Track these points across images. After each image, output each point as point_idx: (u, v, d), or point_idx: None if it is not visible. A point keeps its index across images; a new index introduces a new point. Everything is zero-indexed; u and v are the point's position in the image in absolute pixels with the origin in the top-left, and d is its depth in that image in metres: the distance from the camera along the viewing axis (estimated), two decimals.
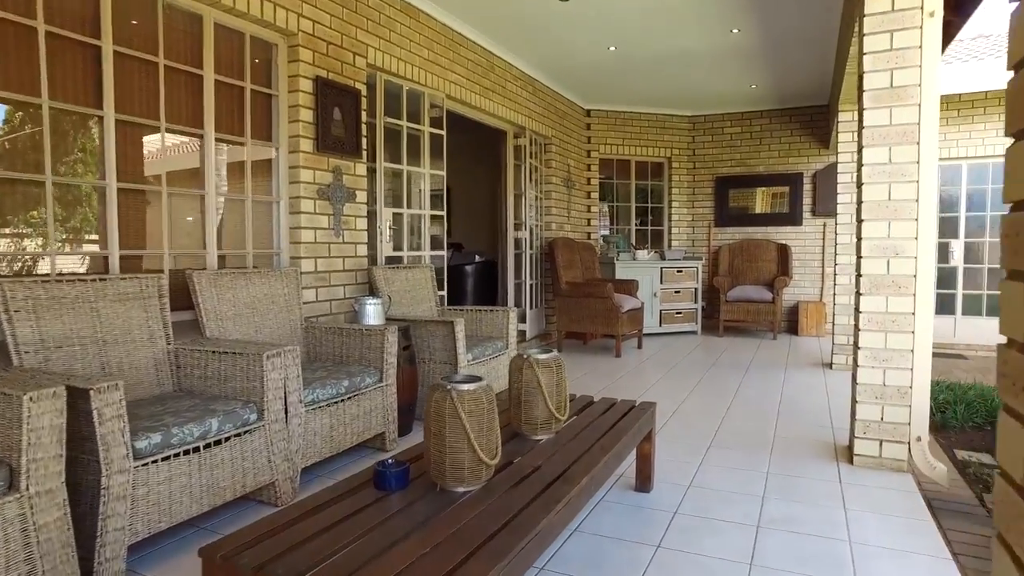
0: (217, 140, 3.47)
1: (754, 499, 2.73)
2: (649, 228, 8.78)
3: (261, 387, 2.59)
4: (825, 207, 7.93)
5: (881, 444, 3.05)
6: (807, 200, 8.09)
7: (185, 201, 3.38)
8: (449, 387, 1.77)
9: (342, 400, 3.08)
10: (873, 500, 2.72)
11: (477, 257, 7.29)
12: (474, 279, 7.13)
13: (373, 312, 3.76)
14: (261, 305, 3.40)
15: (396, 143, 4.70)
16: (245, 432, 2.52)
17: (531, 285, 6.86)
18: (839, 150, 5.48)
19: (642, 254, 7.88)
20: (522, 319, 6.73)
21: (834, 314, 5.55)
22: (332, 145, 4.01)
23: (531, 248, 6.89)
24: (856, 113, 5.18)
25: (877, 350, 3.03)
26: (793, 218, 8.16)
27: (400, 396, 3.62)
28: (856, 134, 4.89)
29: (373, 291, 4.19)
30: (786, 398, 4.57)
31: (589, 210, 8.31)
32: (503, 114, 6.12)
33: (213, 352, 2.72)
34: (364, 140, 4.29)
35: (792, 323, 8.10)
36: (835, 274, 5.56)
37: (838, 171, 5.50)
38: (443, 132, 5.13)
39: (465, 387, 1.78)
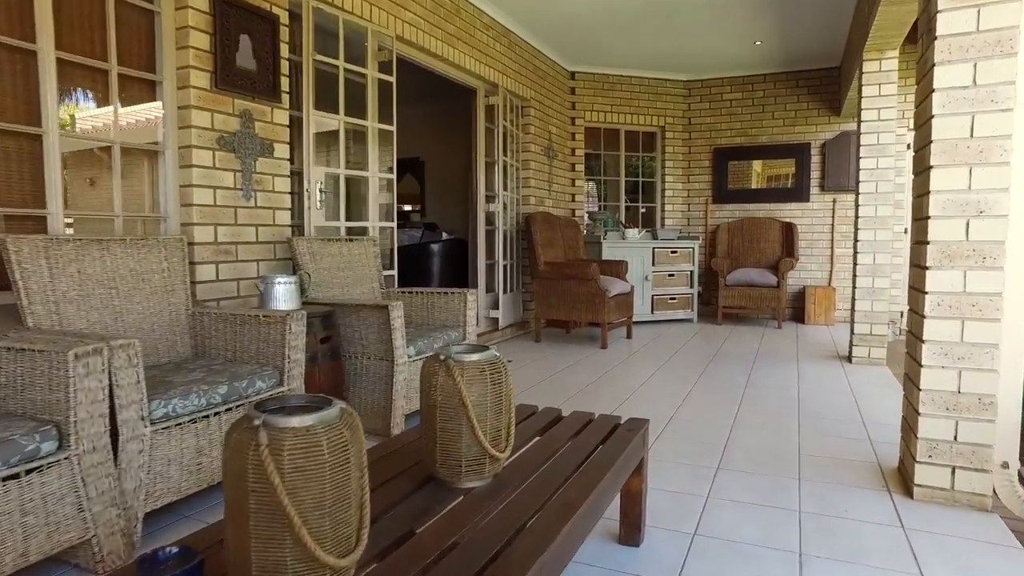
0: (64, 62, 2.59)
1: (787, 556, 1.93)
2: (640, 205, 7.96)
3: (66, 400, 1.75)
4: (835, 181, 7.13)
5: (954, 472, 2.25)
6: (815, 174, 7.29)
7: (11, 141, 2.50)
8: (258, 423, 0.93)
9: (216, 413, 2.24)
10: (956, 556, 1.92)
11: (445, 235, 6.44)
12: (442, 260, 6.28)
13: (283, 294, 2.91)
14: (125, 284, 2.54)
15: (331, 89, 3.83)
16: (35, 469, 1.68)
17: (505, 266, 6.02)
18: (863, 107, 4.66)
19: (632, 233, 7.06)
20: (495, 305, 5.89)
21: (853, 299, 4.76)
22: (238, 82, 3.14)
23: (506, 224, 6.05)
24: (891, 57, 4.39)
25: (950, 344, 2.22)
26: (799, 194, 7.35)
27: None
28: (875, 93, 4.10)
29: (297, 269, 3.35)
30: (805, 400, 3.77)
31: (573, 184, 7.47)
32: (472, 67, 5.26)
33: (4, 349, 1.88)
34: (286, 81, 3.43)
35: (798, 310, 7.31)
36: (856, 252, 4.76)
37: (861, 133, 4.68)
38: (392, 79, 4.26)
39: (291, 422, 0.94)
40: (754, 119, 7.49)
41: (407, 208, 10.30)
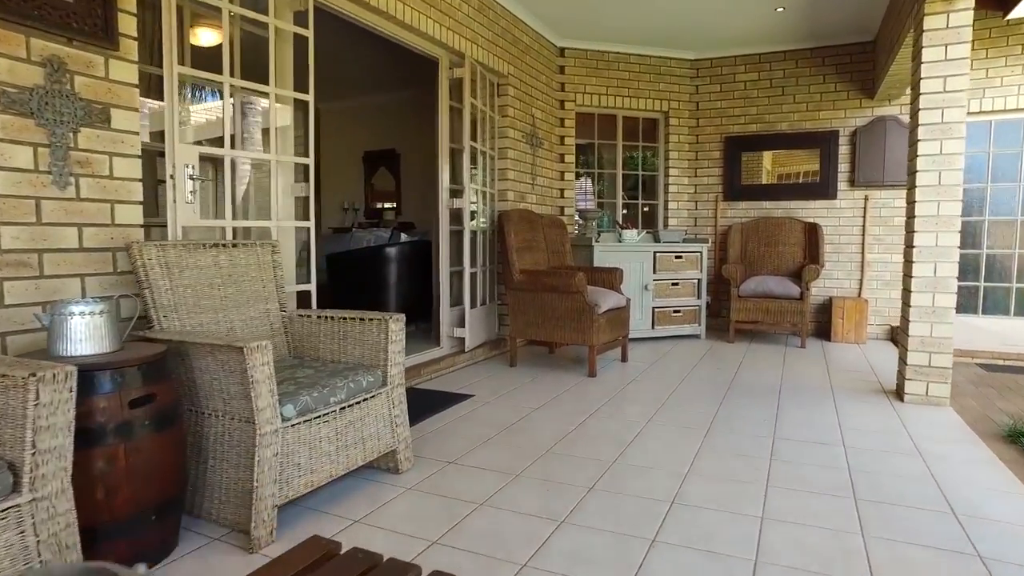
0: None
1: None
2: (640, 202, 6.93)
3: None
4: (868, 175, 6.09)
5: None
6: (843, 166, 6.25)
7: None
8: None
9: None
10: None
11: (404, 236, 5.43)
12: (401, 267, 5.27)
13: (84, 331, 1.91)
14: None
15: (211, 39, 2.83)
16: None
17: (474, 274, 5.00)
18: (922, 75, 3.63)
19: (630, 235, 6.05)
20: (460, 322, 4.88)
21: (907, 321, 3.74)
22: (36, 11, 2.14)
23: (476, 223, 5.05)
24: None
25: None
26: (824, 190, 6.32)
27: (118, 497, 1.79)
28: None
29: (142, 287, 2.34)
30: (860, 468, 2.75)
31: (563, 177, 6.45)
32: (431, 30, 4.25)
33: None
34: (130, 21, 2.43)
35: (822, 325, 6.28)
36: (910, 261, 3.74)
37: (920, 109, 3.65)
38: (310, 34, 3.25)
39: None
40: (772, 103, 6.45)
41: (382, 206, 9.32)
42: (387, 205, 9.32)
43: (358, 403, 2.46)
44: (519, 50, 5.56)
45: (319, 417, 2.26)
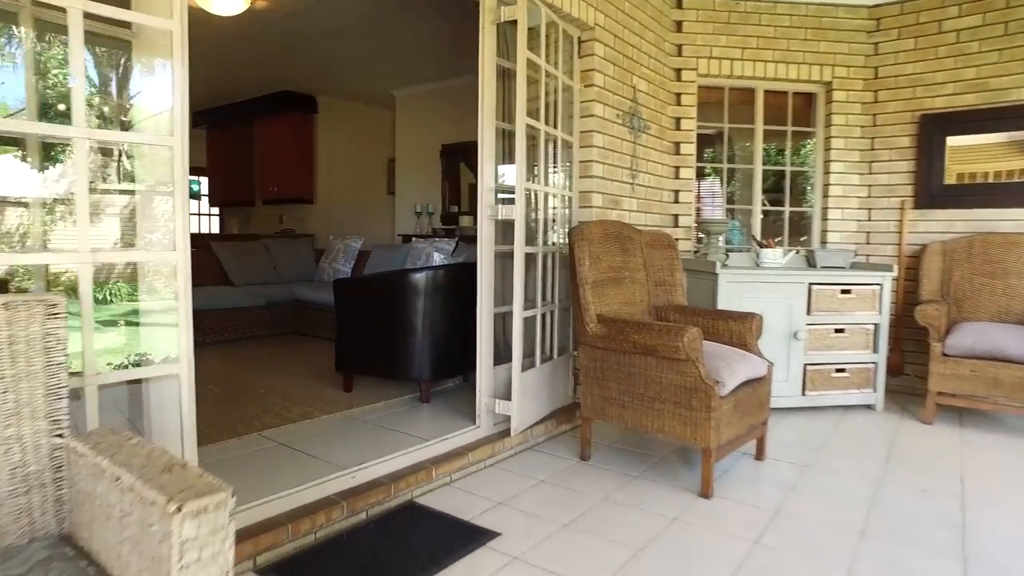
0: None
1: None
2: (787, 210, 4.99)
3: None
4: None
5: None
6: None
7: None
8: None
9: None
10: None
11: (438, 257, 3.89)
12: (434, 302, 3.72)
13: None
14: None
15: None
16: None
17: (533, 317, 3.39)
18: None
19: (772, 256, 4.20)
20: (507, 390, 3.27)
21: None
22: None
23: (543, 240, 3.44)
24: None
25: None
26: None
27: None
28: None
29: None
30: None
31: (677, 175, 4.69)
32: None
33: None
34: None
35: None
36: None
37: None
38: None
39: None
40: (1003, 61, 4.31)
41: (458, 210, 7.91)
42: (462, 209, 7.91)
43: None
44: None
45: None
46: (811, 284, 4.02)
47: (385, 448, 2.95)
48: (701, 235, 4.70)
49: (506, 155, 3.52)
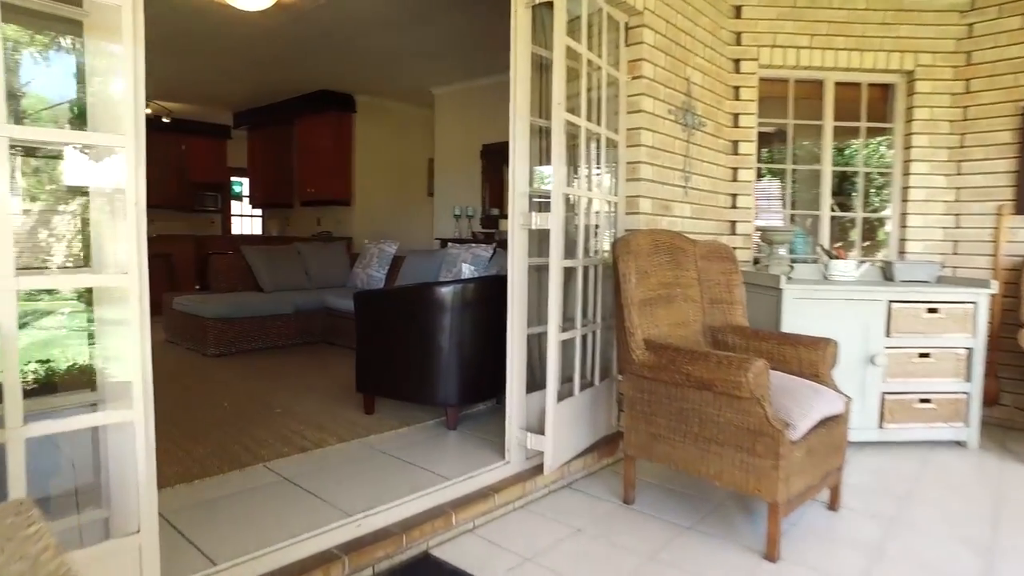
0: None
1: None
2: (859, 215, 4.46)
3: None
4: None
5: None
6: None
7: None
8: None
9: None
10: None
11: (467, 268, 3.52)
12: (463, 318, 3.35)
13: None
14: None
15: None
16: None
17: (572, 340, 3.00)
18: None
19: (843, 268, 3.71)
20: (539, 423, 2.89)
21: None
22: None
23: (582, 250, 3.05)
24: None
25: None
26: None
27: None
28: None
29: None
30: None
31: (735, 177, 4.23)
32: None
33: None
34: None
35: None
36: None
37: None
38: None
39: None
40: None
41: (498, 213, 7.57)
42: (507, 212, 7.54)
43: None
44: None
45: None
46: (891, 302, 3.51)
47: (400, 488, 2.61)
48: (761, 245, 4.22)
49: (543, 156, 3.16)
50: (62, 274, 1.54)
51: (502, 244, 5.73)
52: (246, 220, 12.26)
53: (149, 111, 9.14)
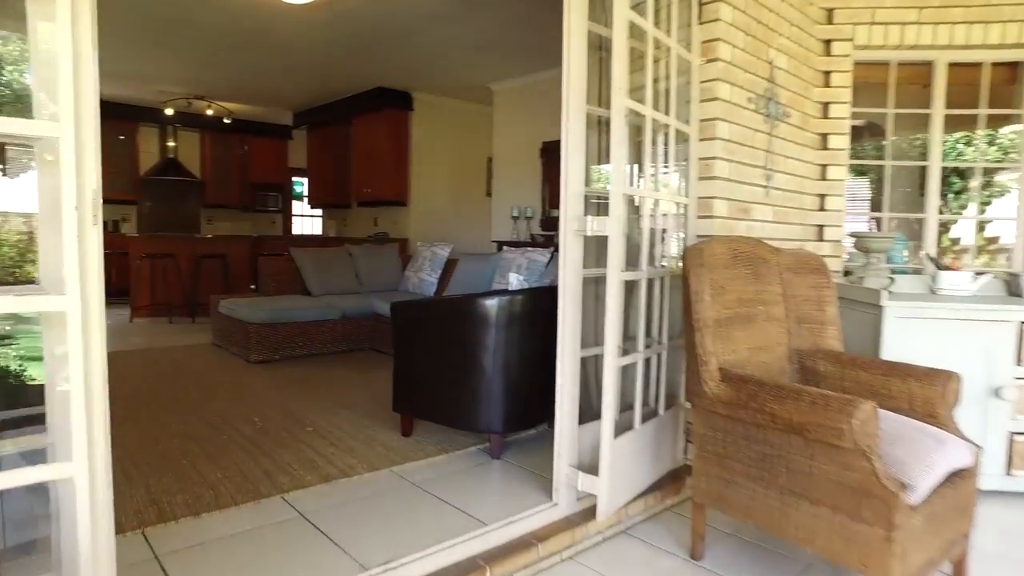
0: None
1: None
2: (975, 218, 3.83)
3: None
4: None
5: None
6: None
7: None
8: None
9: None
10: None
11: (514, 278, 3.14)
12: (511, 335, 2.97)
13: None
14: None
15: None
16: None
17: (633, 365, 2.58)
18: None
19: (957, 280, 3.15)
20: (592, 463, 2.49)
21: None
22: None
23: (646, 258, 2.62)
24: None
25: None
26: None
27: None
28: None
29: None
30: None
31: (824, 175, 3.71)
32: None
33: None
34: None
35: None
36: None
37: None
38: None
39: None
40: None
41: (555, 214, 7.16)
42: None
43: None
44: None
45: None
46: (1022, 322, 2.93)
47: (430, 533, 2.27)
48: (855, 254, 3.68)
49: (601, 153, 2.76)
50: None
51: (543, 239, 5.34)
52: (306, 220, 12.29)
53: (210, 112, 9.20)
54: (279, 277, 5.81)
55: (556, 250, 5.10)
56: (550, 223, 7.26)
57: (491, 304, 2.91)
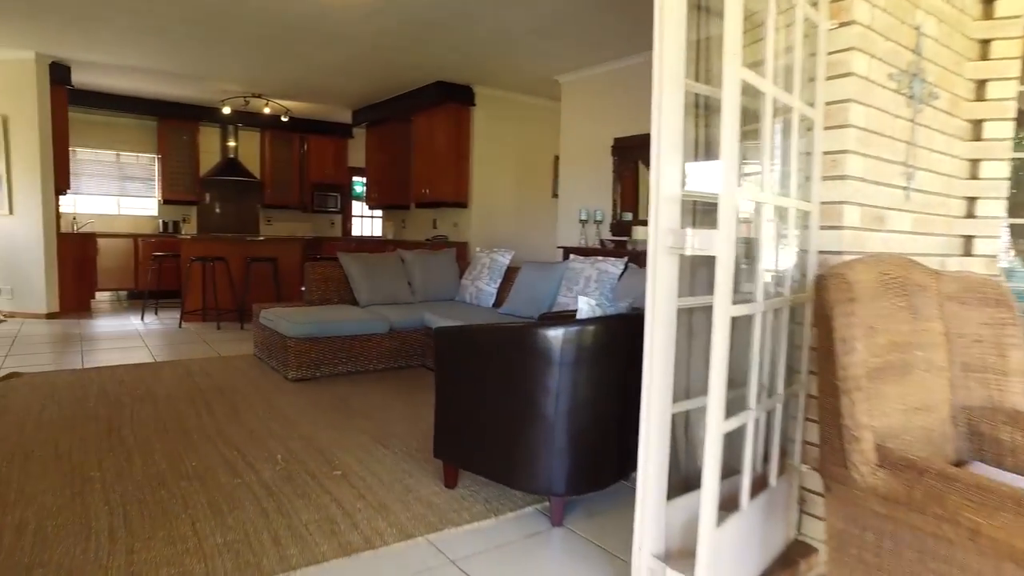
0: None
1: None
2: None
3: None
4: None
5: None
6: None
7: None
8: None
9: None
10: None
11: (584, 303, 2.53)
12: (580, 374, 2.39)
13: None
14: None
15: None
16: None
17: (742, 428, 1.94)
18: None
19: None
20: (683, 543, 1.87)
21: None
22: None
23: (760, 284, 1.97)
24: None
25: None
26: None
27: None
28: None
29: None
30: None
31: (976, 172, 2.95)
32: None
33: None
34: None
35: None
36: None
37: None
38: None
39: None
40: None
41: (628, 218, 6.54)
42: (643, 217, 6.53)
43: None
44: None
45: None
46: None
47: None
48: (1011, 270, 2.92)
49: (699, 145, 2.15)
50: None
51: (635, 258, 4.71)
52: (366, 221, 12.01)
53: (268, 110, 8.96)
54: (327, 283, 5.40)
55: (630, 260, 4.48)
56: (621, 228, 6.62)
57: (555, 336, 2.32)
